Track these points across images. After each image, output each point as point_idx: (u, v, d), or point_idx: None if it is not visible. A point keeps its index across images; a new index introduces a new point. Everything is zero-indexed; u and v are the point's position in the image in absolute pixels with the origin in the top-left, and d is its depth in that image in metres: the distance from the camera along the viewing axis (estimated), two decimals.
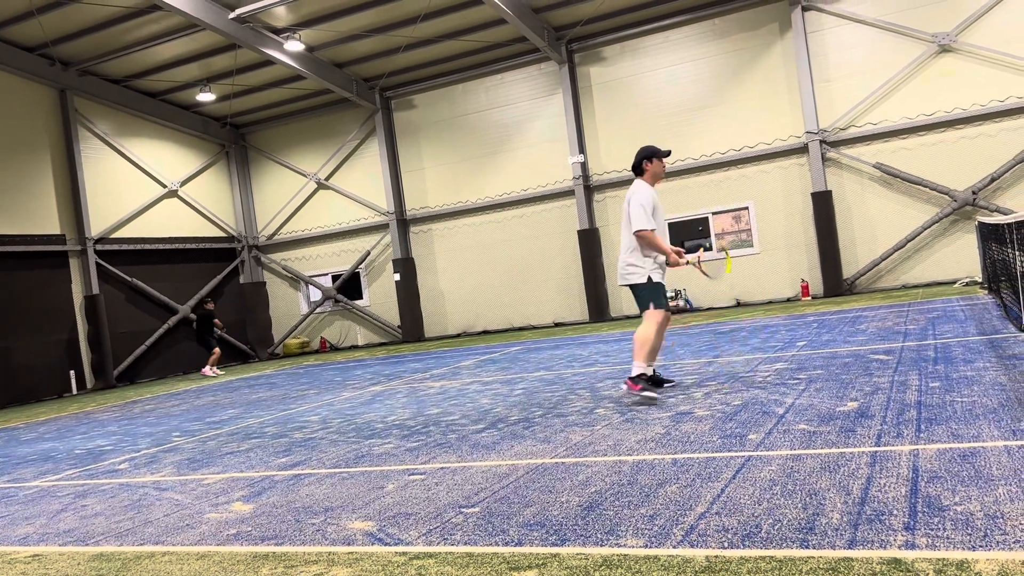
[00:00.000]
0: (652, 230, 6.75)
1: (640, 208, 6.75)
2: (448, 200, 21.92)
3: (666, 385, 7.32)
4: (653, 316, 6.80)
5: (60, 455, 8.29)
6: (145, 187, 21.62)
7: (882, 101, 17.42)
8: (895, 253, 17.37)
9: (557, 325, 20.43)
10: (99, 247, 20.05)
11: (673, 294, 18.87)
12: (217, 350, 18.76)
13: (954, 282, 16.54)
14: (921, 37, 16.93)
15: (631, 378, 6.77)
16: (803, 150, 18.10)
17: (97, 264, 19.87)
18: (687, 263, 6.94)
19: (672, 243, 6.94)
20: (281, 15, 18.43)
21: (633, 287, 6.93)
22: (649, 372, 6.89)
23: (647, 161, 7.00)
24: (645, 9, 18.89)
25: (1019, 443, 4.02)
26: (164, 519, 4.77)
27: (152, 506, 5.17)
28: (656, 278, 6.82)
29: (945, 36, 16.68)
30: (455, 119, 21.72)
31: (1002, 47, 16.30)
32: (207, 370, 18.70)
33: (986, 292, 13.33)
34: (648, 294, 6.85)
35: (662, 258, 6.85)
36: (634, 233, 6.74)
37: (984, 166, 16.56)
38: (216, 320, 18.94)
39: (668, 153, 7.12)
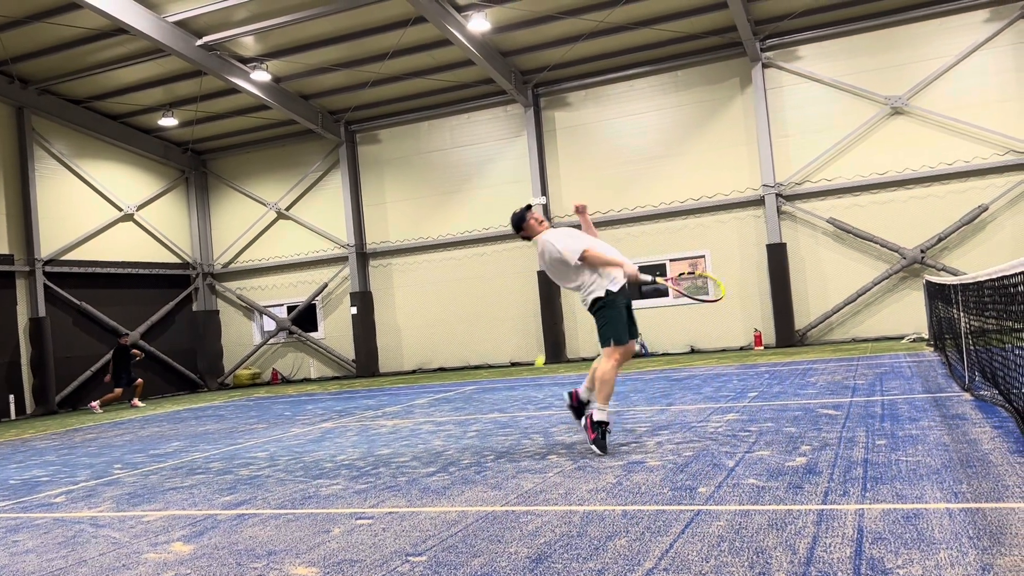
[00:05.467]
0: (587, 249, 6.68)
1: (566, 239, 6.85)
2: (409, 235, 21.90)
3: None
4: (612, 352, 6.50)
5: None
6: (100, 209, 21.24)
7: (837, 158, 17.93)
8: (846, 307, 17.75)
9: (513, 365, 20.41)
10: (48, 268, 19.58)
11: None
12: (118, 390, 17.73)
13: (902, 338, 16.94)
14: (875, 99, 17.52)
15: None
16: (759, 202, 18.49)
17: (45, 286, 19.38)
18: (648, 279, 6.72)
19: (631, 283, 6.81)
20: (249, 45, 18.42)
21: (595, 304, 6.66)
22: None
23: (529, 215, 7.35)
24: (610, 58, 19.28)
25: (960, 506, 4.10)
26: (99, 558, 4.61)
27: (87, 544, 4.99)
28: (615, 288, 6.56)
29: (897, 99, 17.28)
30: (420, 155, 21.80)
31: (951, 112, 16.93)
32: (96, 404, 17.60)
33: (932, 349, 13.66)
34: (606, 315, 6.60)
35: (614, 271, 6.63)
36: (580, 256, 6.65)
37: (932, 226, 17.08)
38: (134, 351, 18.24)
39: (529, 207, 7.42)
